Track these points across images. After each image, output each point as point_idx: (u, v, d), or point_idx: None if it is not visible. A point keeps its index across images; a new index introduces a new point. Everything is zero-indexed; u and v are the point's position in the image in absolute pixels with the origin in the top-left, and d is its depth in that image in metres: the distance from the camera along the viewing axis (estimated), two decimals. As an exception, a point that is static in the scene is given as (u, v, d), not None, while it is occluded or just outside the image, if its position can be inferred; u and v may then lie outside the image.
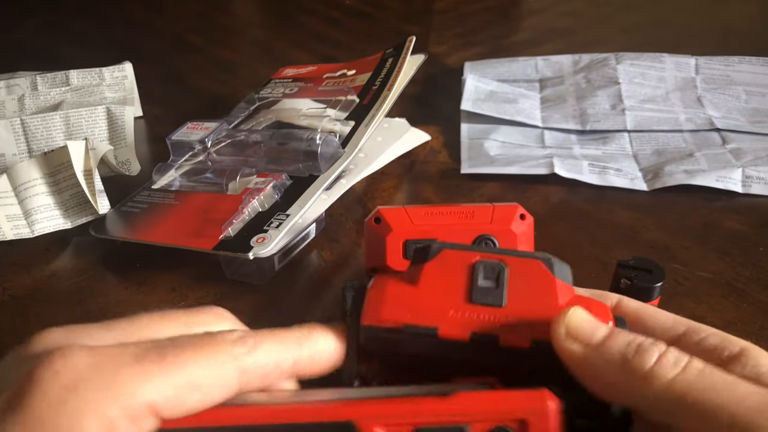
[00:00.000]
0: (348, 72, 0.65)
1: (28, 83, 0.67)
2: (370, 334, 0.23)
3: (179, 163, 0.56)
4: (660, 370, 0.20)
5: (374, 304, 0.24)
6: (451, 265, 0.23)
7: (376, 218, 0.41)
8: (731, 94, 0.69)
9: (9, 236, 0.51)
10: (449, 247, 0.24)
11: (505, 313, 0.23)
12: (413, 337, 0.23)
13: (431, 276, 0.23)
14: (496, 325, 0.22)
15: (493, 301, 0.23)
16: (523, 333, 0.22)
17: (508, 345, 0.22)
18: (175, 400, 0.20)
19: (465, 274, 0.23)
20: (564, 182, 0.57)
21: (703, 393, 0.19)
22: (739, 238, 0.50)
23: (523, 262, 0.23)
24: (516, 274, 0.23)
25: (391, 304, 0.23)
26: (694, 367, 0.20)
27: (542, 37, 0.88)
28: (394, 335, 0.23)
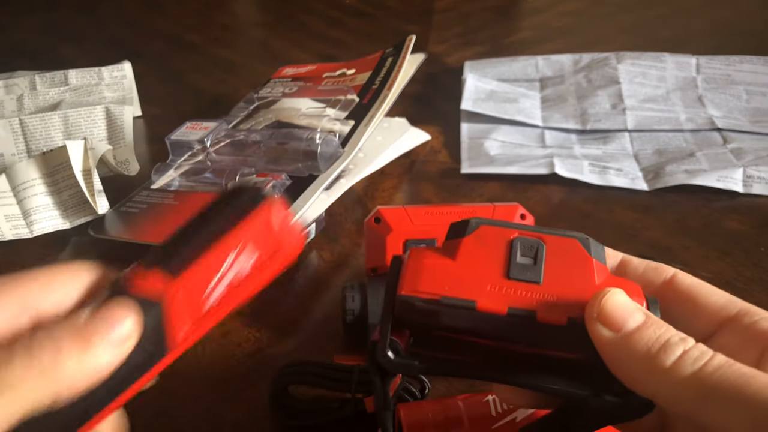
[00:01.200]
0: (348, 71, 0.64)
1: (26, 83, 0.67)
2: (407, 304, 0.23)
3: (178, 162, 0.56)
4: (681, 365, 0.20)
5: (412, 275, 0.23)
6: (489, 240, 0.24)
7: (376, 218, 0.40)
8: (732, 93, 0.69)
9: (8, 236, 0.51)
10: (487, 222, 0.24)
11: (542, 290, 0.23)
12: (450, 309, 0.23)
13: (469, 250, 0.24)
14: (533, 301, 0.23)
15: (531, 277, 0.23)
16: (560, 310, 0.22)
17: (545, 321, 0.22)
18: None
19: (503, 250, 0.24)
20: (564, 182, 0.57)
21: (722, 386, 0.19)
22: (740, 238, 0.50)
23: (560, 241, 0.24)
24: (553, 252, 0.24)
25: (429, 275, 0.23)
26: (715, 362, 0.20)
27: (543, 37, 0.88)
28: (431, 306, 0.23)
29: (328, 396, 0.37)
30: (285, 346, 0.42)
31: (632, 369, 0.21)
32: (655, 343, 0.21)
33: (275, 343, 0.42)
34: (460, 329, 0.23)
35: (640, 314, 0.22)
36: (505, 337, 0.23)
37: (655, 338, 0.21)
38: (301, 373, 0.35)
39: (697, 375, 0.20)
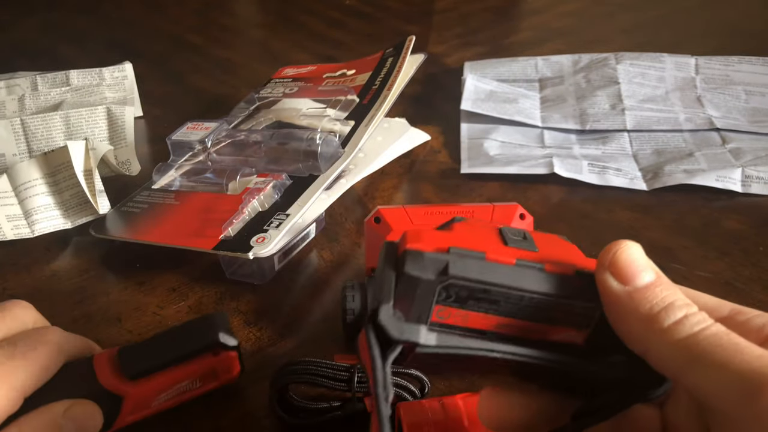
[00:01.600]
0: (348, 72, 0.65)
1: (28, 83, 0.67)
2: (415, 255, 0.22)
3: (179, 163, 0.56)
4: (678, 327, 0.20)
5: (413, 235, 0.23)
6: (479, 226, 0.25)
7: (376, 218, 0.41)
8: (731, 93, 0.69)
9: (9, 236, 0.51)
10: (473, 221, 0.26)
11: (541, 255, 0.23)
12: (460, 258, 0.22)
13: (464, 229, 0.25)
14: (537, 257, 0.23)
15: (528, 247, 0.23)
16: (566, 264, 0.23)
17: (553, 271, 0.22)
18: None
19: (495, 231, 0.24)
20: (564, 182, 0.57)
21: (713, 350, 0.19)
22: (739, 238, 0.50)
23: (541, 234, 0.25)
24: (539, 238, 0.24)
25: (432, 235, 0.23)
26: (712, 329, 0.20)
27: (542, 37, 0.88)
28: (440, 256, 0.22)
29: (328, 395, 0.37)
30: (285, 346, 0.42)
31: (632, 324, 0.21)
32: (659, 303, 0.21)
33: (275, 343, 0.42)
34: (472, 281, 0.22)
35: (652, 273, 0.22)
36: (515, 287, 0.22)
37: (661, 298, 0.21)
38: (301, 372, 0.35)
39: (691, 338, 0.20)
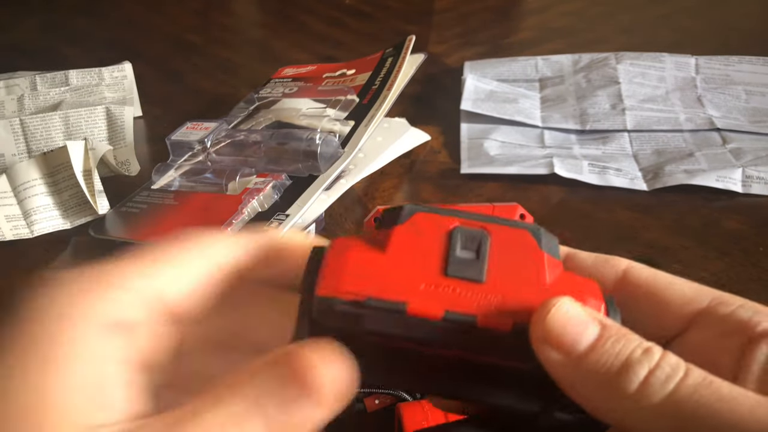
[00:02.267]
0: (348, 72, 0.65)
1: (27, 83, 0.67)
2: (325, 306, 0.19)
3: (179, 163, 0.56)
4: (648, 389, 0.17)
5: (332, 272, 0.20)
6: (426, 230, 0.20)
7: (376, 218, 0.41)
8: (731, 93, 0.69)
9: (8, 236, 0.51)
10: (423, 209, 0.21)
11: (485, 289, 0.20)
12: (377, 312, 0.19)
13: (402, 242, 0.20)
14: (473, 302, 0.19)
15: (472, 275, 0.20)
16: (504, 314, 0.19)
17: (486, 326, 0.19)
18: (153, 274, 0.19)
19: (441, 241, 0.20)
20: (564, 182, 0.57)
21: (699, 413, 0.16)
22: (739, 238, 0.50)
23: (507, 232, 0.21)
24: (499, 245, 0.20)
25: (353, 272, 0.20)
26: (689, 383, 0.17)
27: (542, 37, 0.88)
28: (353, 309, 0.19)
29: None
30: (285, 346, 0.42)
31: (591, 395, 0.18)
32: (614, 362, 0.17)
33: (275, 343, 0.42)
34: (389, 336, 0.19)
35: (594, 327, 0.18)
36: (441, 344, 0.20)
37: (615, 355, 0.18)
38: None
39: (669, 401, 0.17)
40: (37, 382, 0.17)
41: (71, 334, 0.18)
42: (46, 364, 0.17)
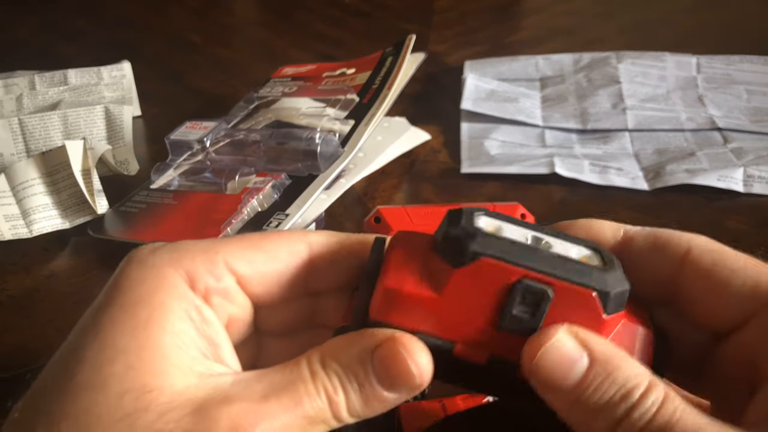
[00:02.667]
0: (347, 71, 0.64)
1: (26, 82, 0.66)
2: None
3: (178, 162, 0.56)
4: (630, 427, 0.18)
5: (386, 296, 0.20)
6: (487, 279, 0.19)
7: (376, 218, 0.40)
8: (733, 93, 0.68)
9: (7, 236, 0.51)
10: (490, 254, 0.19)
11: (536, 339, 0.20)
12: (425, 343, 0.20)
13: (460, 287, 0.20)
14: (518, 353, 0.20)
15: (524, 332, 0.20)
16: None
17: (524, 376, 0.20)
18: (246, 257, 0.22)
19: (500, 294, 0.20)
20: (565, 182, 0.57)
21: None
22: (741, 238, 0.50)
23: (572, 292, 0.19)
24: (560, 306, 0.20)
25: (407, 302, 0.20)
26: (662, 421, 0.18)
27: (543, 36, 0.88)
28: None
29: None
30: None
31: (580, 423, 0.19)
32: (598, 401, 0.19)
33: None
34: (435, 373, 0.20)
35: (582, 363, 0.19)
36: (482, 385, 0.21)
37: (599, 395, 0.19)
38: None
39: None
40: (148, 335, 0.19)
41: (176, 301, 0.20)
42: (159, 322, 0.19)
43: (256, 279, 0.22)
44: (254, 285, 0.22)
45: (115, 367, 0.18)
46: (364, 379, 0.20)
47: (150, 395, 0.18)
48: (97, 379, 0.18)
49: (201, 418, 0.18)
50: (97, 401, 0.18)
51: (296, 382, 0.19)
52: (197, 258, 0.21)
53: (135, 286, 0.20)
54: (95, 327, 0.19)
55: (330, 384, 0.20)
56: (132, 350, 0.19)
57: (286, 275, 0.22)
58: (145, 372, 0.18)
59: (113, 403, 0.18)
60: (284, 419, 0.19)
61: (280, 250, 0.22)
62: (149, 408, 0.18)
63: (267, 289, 0.22)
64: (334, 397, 0.19)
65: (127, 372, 0.18)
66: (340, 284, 0.24)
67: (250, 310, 0.23)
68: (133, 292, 0.20)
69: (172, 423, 0.18)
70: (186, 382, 0.19)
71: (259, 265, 0.22)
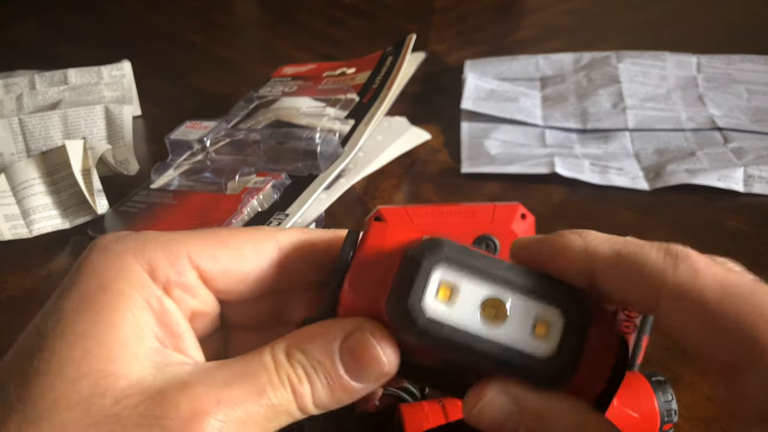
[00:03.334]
0: (348, 70, 0.64)
1: (26, 82, 0.66)
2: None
3: (178, 162, 0.56)
4: None
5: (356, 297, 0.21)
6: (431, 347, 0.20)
7: (376, 218, 0.40)
8: (733, 92, 0.68)
9: (7, 236, 0.51)
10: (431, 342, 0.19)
11: None
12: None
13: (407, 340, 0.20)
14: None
15: None
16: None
17: None
18: (210, 254, 0.21)
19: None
20: (565, 181, 0.57)
21: None
22: (741, 238, 0.50)
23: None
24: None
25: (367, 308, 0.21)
26: None
27: (543, 36, 0.88)
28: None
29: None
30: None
31: None
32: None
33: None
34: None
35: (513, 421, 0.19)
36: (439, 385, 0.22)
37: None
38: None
39: None
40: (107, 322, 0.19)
41: (137, 290, 0.20)
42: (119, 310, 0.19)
43: (220, 276, 0.22)
44: (218, 282, 0.22)
45: (73, 352, 0.18)
46: (331, 368, 0.20)
47: (107, 380, 0.18)
48: (55, 365, 0.18)
49: (159, 403, 0.18)
50: (53, 386, 0.18)
51: (258, 371, 0.19)
52: (160, 250, 0.21)
53: (97, 273, 0.20)
54: (56, 313, 0.19)
55: (294, 374, 0.19)
56: (90, 336, 0.19)
57: (252, 274, 0.22)
58: (102, 358, 0.18)
59: (69, 388, 0.18)
60: (246, 407, 0.18)
61: (247, 249, 0.22)
62: (106, 393, 0.18)
63: (231, 286, 0.22)
64: (299, 387, 0.19)
65: (85, 357, 0.18)
66: (309, 281, 0.23)
67: (214, 305, 0.22)
68: (95, 279, 0.20)
69: (128, 408, 0.18)
70: (142, 371, 0.19)
71: (224, 262, 0.21)
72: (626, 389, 0.31)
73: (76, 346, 0.18)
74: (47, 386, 0.18)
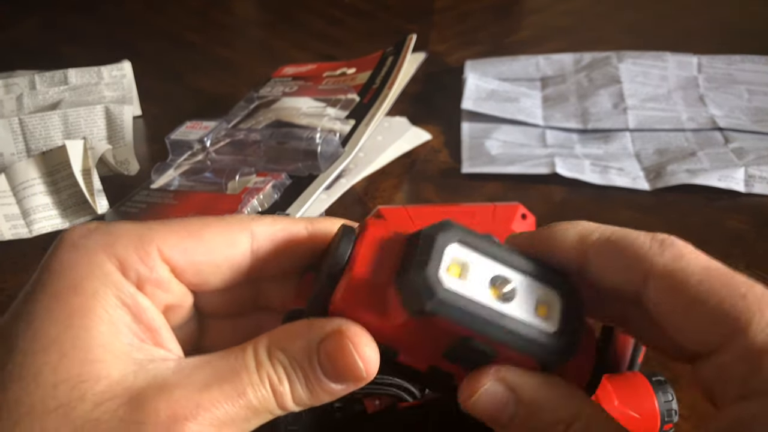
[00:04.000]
0: (348, 71, 0.64)
1: (26, 82, 0.66)
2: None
3: (178, 162, 0.56)
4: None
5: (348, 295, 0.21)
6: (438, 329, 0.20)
7: (377, 217, 0.40)
8: (733, 93, 0.68)
9: (7, 236, 0.51)
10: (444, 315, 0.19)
11: None
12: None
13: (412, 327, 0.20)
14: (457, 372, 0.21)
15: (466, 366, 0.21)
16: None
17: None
18: (182, 247, 0.21)
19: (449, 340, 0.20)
20: (565, 182, 0.57)
21: None
22: (742, 238, 0.50)
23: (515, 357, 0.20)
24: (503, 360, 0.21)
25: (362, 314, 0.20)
26: None
27: (543, 36, 0.88)
28: None
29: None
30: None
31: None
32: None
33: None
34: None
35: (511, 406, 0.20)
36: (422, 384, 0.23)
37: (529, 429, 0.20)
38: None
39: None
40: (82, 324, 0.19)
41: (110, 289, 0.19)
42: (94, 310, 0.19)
43: (192, 269, 0.21)
44: (189, 275, 0.21)
45: (49, 357, 0.18)
46: (310, 370, 0.20)
47: (85, 384, 0.18)
48: (30, 369, 0.18)
49: (138, 408, 0.18)
50: (29, 391, 0.17)
51: (240, 371, 0.19)
52: (130, 246, 0.20)
53: (67, 272, 0.19)
54: (27, 315, 0.19)
55: (275, 374, 0.19)
56: (66, 339, 0.18)
57: (225, 265, 0.22)
58: (80, 361, 0.18)
59: (47, 393, 0.17)
60: (226, 409, 0.18)
61: (219, 241, 0.22)
62: (85, 397, 0.18)
63: (204, 278, 0.22)
64: (279, 387, 0.19)
65: (61, 360, 0.18)
66: (284, 270, 0.23)
67: (188, 297, 0.22)
68: (65, 279, 0.19)
69: (108, 413, 0.17)
70: (124, 370, 0.18)
71: (195, 255, 0.21)
72: (627, 389, 0.31)
73: (51, 350, 0.18)
74: (23, 392, 0.17)
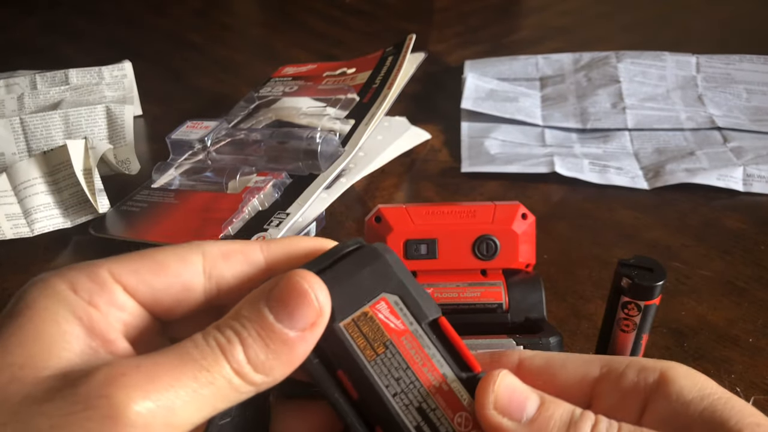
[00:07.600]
0: (348, 70, 0.64)
1: (27, 82, 0.67)
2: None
3: (179, 162, 0.56)
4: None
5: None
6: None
7: (377, 217, 0.40)
8: (732, 92, 0.69)
9: (8, 235, 0.51)
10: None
11: None
12: None
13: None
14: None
15: None
16: None
17: None
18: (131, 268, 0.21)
19: None
20: (565, 181, 0.57)
21: None
22: (740, 237, 0.50)
23: None
24: None
25: None
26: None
27: (543, 36, 0.88)
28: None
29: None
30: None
31: None
32: (561, 426, 0.20)
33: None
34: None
35: (535, 396, 0.21)
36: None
37: (559, 419, 0.20)
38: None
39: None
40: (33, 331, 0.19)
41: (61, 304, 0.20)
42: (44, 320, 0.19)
43: (144, 288, 0.21)
44: (142, 294, 0.21)
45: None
46: (260, 319, 0.19)
47: (27, 370, 0.18)
48: None
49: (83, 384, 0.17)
50: None
51: (186, 344, 0.19)
52: (82, 272, 0.21)
53: (23, 297, 0.20)
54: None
55: (223, 336, 0.19)
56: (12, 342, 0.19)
57: (178, 283, 0.21)
58: (23, 354, 0.18)
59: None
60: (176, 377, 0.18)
61: (170, 259, 0.22)
62: (25, 380, 0.18)
63: (158, 297, 0.21)
64: (229, 347, 0.19)
65: (2, 353, 0.18)
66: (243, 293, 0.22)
67: (147, 319, 0.22)
68: (21, 302, 0.20)
69: (53, 391, 0.17)
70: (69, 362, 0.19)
71: (145, 275, 0.21)
72: None
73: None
74: None
